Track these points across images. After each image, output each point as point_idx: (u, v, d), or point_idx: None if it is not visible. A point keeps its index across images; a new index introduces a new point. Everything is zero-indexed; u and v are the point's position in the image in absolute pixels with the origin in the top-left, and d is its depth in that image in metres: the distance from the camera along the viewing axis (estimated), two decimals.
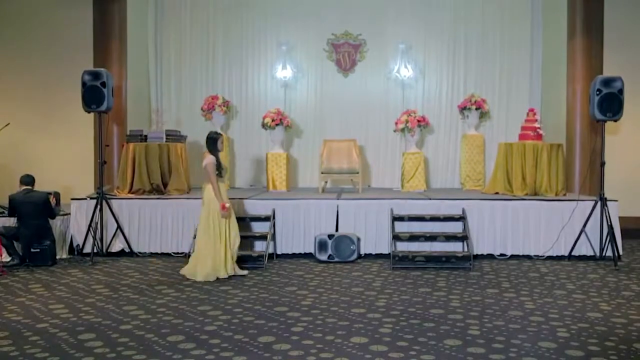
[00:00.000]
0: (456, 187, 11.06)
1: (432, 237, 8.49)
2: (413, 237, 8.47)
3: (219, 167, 7.38)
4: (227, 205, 7.33)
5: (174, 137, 9.93)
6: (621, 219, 8.71)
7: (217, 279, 7.23)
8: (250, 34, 11.62)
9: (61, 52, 10.98)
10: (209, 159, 7.35)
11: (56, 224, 8.61)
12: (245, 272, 7.56)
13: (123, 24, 10.40)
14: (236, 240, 7.48)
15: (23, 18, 11.14)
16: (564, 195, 9.17)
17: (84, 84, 8.64)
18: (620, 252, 8.45)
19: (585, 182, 9.37)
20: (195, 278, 7.24)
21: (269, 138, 10.70)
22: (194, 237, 7.82)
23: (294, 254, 8.75)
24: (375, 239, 8.70)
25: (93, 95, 8.59)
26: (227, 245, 7.36)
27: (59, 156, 10.91)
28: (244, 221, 8.52)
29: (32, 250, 8.11)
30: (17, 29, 11.13)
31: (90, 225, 8.56)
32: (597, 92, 8.36)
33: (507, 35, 11.42)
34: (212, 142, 7.56)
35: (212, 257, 7.26)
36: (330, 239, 8.41)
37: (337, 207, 8.83)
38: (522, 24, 11.39)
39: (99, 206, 8.56)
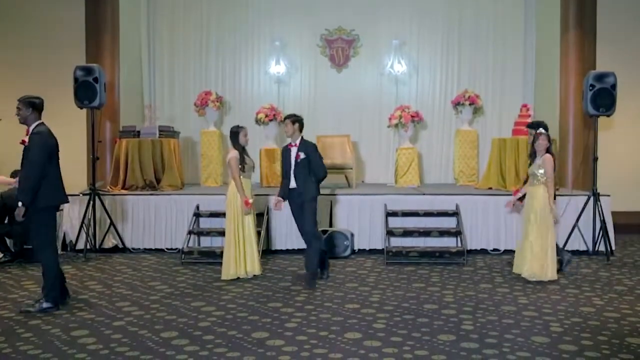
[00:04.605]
0: (450, 183, 11.07)
1: (425, 233, 8.50)
2: (407, 233, 8.48)
3: (242, 161, 7.07)
4: (251, 201, 7.03)
5: (167, 132, 9.91)
6: (614, 213, 8.76)
7: (238, 278, 7.05)
8: (244, 29, 11.59)
9: (53, 48, 10.91)
10: (232, 153, 7.08)
11: None
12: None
13: (115, 19, 10.33)
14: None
15: (15, 13, 11.05)
16: (557, 190, 9.16)
17: (76, 79, 8.61)
18: (613, 247, 8.49)
19: (578, 177, 9.40)
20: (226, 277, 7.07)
21: (263, 134, 10.67)
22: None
23: (287, 249, 8.74)
24: (369, 235, 8.71)
25: (85, 91, 8.56)
26: (245, 243, 7.06)
27: None
28: None
29: (25, 247, 8.08)
30: (9, 24, 11.05)
31: (83, 222, 8.53)
32: (590, 88, 8.39)
33: (500, 30, 11.44)
34: (234, 135, 7.19)
35: (234, 256, 7.03)
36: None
37: (331, 202, 8.83)
38: (516, 19, 11.43)
39: (91, 202, 8.53)
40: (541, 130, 7.16)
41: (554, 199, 7.12)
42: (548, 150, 7.07)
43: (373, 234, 8.69)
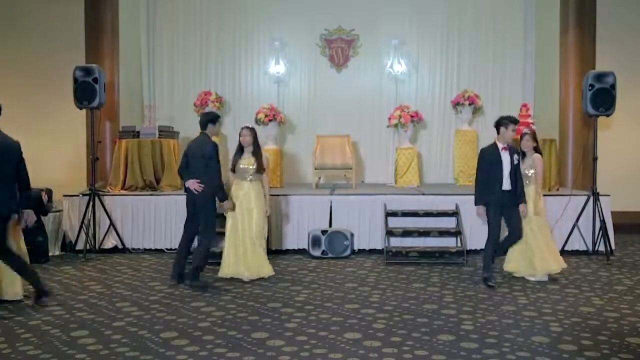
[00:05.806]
0: (449, 183, 11.07)
1: (425, 233, 8.49)
2: (406, 233, 8.48)
3: (235, 162, 7.19)
4: (226, 206, 6.91)
5: (167, 133, 9.90)
6: (613, 213, 8.76)
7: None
8: (244, 29, 11.60)
9: (52, 48, 10.89)
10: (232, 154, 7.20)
11: (48, 220, 8.56)
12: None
13: (115, 19, 10.32)
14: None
15: (14, 13, 11.04)
16: (557, 190, 9.20)
17: (75, 79, 8.62)
18: (613, 247, 8.49)
19: (578, 177, 9.39)
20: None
21: (262, 134, 10.65)
22: None
23: (287, 250, 8.74)
24: (368, 235, 8.70)
25: (85, 91, 8.58)
26: (244, 243, 7.03)
27: (51, 152, 10.82)
28: None
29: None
30: (8, 24, 11.04)
31: (82, 222, 8.54)
32: (590, 87, 8.39)
33: (500, 30, 11.44)
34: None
35: (226, 255, 7.03)
36: (323, 234, 8.42)
37: (331, 202, 8.83)
38: (516, 19, 11.43)
39: (91, 203, 8.53)
40: (526, 130, 7.21)
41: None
42: (536, 150, 7.10)
43: (373, 234, 8.68)
